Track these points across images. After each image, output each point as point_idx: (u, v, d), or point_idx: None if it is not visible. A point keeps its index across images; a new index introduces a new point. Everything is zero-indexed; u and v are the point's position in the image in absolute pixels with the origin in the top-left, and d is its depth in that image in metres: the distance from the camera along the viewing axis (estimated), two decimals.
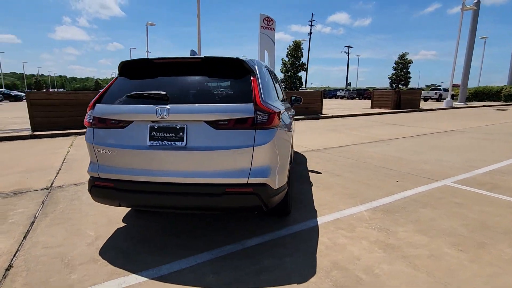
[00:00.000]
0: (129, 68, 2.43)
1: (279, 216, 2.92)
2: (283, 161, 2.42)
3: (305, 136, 8.43)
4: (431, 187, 3.86)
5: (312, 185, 4.02)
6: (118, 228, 2.77)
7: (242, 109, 2.11)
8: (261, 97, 2.21)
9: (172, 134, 2.15)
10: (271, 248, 2.42)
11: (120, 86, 2.39)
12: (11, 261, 2.23)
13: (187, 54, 2.93)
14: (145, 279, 2.02)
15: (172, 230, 2.74)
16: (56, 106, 9.21)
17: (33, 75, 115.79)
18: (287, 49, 24.20)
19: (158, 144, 2.15)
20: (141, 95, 2.19)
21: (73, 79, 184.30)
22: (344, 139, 7.78)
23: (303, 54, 24.33)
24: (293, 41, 23.86)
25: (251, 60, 2.46)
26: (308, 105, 14.25)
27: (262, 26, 17.32)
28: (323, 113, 14.85)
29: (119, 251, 2.37)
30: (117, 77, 2.49)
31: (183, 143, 2.13)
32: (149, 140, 2.17)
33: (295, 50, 22.95)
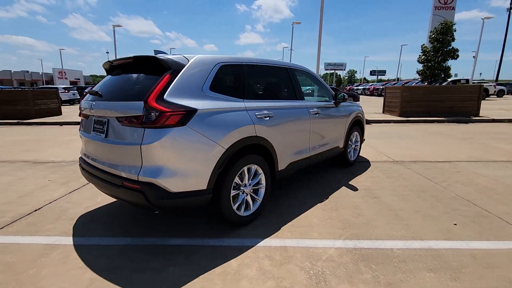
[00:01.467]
0: (106, 69, 2.91)
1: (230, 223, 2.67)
2: (192, 165, 2.22)
3: (405, 143, 6.69)
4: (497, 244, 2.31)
5: (321, 201, 3.30)
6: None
7: (133, 107, 2.13)
8: (161, 95, 2.12)
9: (101, 127, 2.44)
10: (179, 252, 2.30)
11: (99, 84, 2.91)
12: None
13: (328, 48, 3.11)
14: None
15: (121, 212, 3.07)
16: None
17: None
18: (431, 32, 18.44)
19: (95, 135, 2.52)
20: (90, 92, 2.62)
21: None
22: (463, 152, 5.62)
23: (454, 38, 17.85)
24: (440, 22, 17.84)
25: (182, 57, 2.37)
26: (453, 103, 10.95)
27: (436, 7, 14.17)
28: (480, 115, 10.96)
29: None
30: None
31: (103, 136, 2.39)
32: (92, 131, 2.57)
33: (443, 34, 17.09)
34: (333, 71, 79.01)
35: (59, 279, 1.99)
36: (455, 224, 2.74)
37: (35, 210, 3.11)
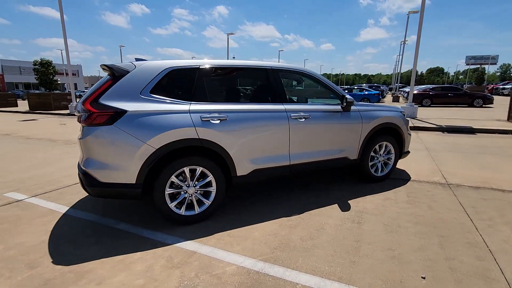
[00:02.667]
0: None
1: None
2: (120, 160, 2.48)
3: (494, 161, 4.92)
4: None
5: (288, 216, 2.97)
6: None
7: (79, 108, 2.55)
8: (97, 98, 2.46)
9: None
10: (113, 235, 2.61)
11: None
12: None
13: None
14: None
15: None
16: None
17: (337, 75, 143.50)
18: None
19: None
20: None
21: (365, 76, 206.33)
22: None
23: None
24: None
25: (130, 64, 2.65)
26: None
27: None
28: None
29: None
30: None
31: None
32: None
33: None
34: (478, 65, 64.28)
35: (27, 236, 2.64)
36: (423, 278, 1.99)
37: (69, 186, 4.09)
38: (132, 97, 2.56)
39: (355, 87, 21.43)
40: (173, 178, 2.67)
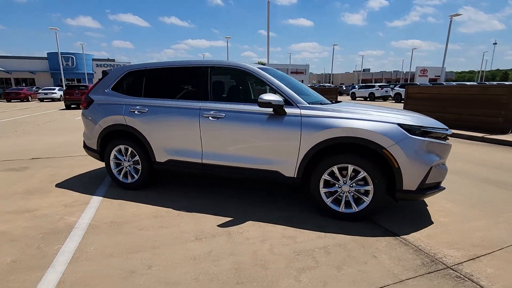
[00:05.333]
0: None
1: None
2: (90, 133, 3.74)
3: None
4: None
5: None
6: None
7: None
8: (89, 92, 3.85)
9: None
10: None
11: None
12: None
13: None
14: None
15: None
16: (424, 100, 9.27)
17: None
18: None
19: None
20: None
21: None
22: None
23: None
24: None
25: (111, 68, 3.80)
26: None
27: None
28: None
29: None
30: None
31: None
32: None
33: None
34: None
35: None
36: None
37: None
38: (101, 92, 3.75)
39: None
40: (114, 151, 3.64)
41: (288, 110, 2.86)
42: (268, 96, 2.74)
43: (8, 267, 2.09)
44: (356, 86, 30.46)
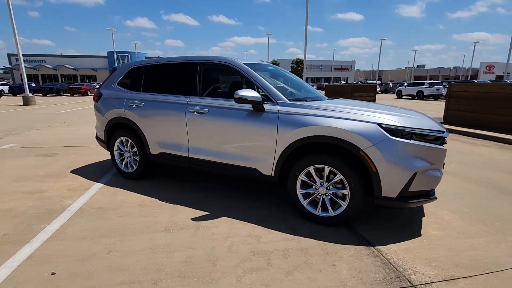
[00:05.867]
0: None
1: None
2: (99, 123, 4.06)
3: None
4: None
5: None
6: None
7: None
8: (100, 86, 4.16)
9: None
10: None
11: None
12: None
13: None
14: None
15: None
16: (469, 100, 8.25)
17: None
18: None
19: None
20: None
21: None
22: None
23: None
24: None
25: (119, 64, 4.06)
26: None
27: None
28: None
29: None
30: None
31: None
32: None
33: None
34: None
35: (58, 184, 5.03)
36: (53, 273, 1.95)
37: None
38: (108, 87, 4.04)
39: None
40: (117, 142, 3.91)
41: (267, 106, 2.79)
42: (244, 92, 2.69)
43: None
44: (405, 84, 28.20)
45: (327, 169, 2.54)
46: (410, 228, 2.64)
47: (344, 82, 58.51)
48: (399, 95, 25.65)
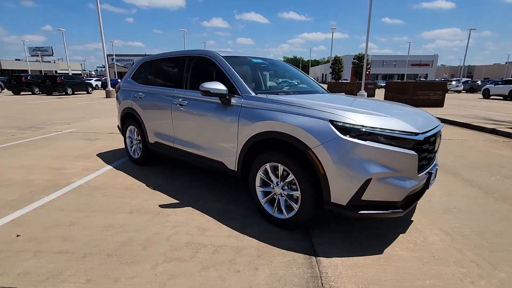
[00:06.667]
0: None
1: None
2: (118, 112, 4.54)
3: None
4: None
5: None
6: None
7: None
8: (122, 79, 4.63)
9: None
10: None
11: None
12: None
13: None
14: None
15: None
16: None
17: None
18: None
19: None
20: None
21: None
22: None
23: None
24: None
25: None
26: None
27: None
28: None
29: None
30: None
31: None
32: None
33: None
34: None
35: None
36: (18, 236, 2.29)
37: None
38: (125, 80, 4.46)
39: None
40: (128, 130, 4.32)
41: (233, 100, 2.73)
42: (208, 84, 2.68)
43: (2, 202, 2.92)
44: (499, 82, 23.61)
45: (281, 167, 2.37)
46: (376, 243, 2.28)
47: (423, 79, 51.99)
48: (486, 95, 21.76)
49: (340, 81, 42.53)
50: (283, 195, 2.43)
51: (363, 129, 2.03)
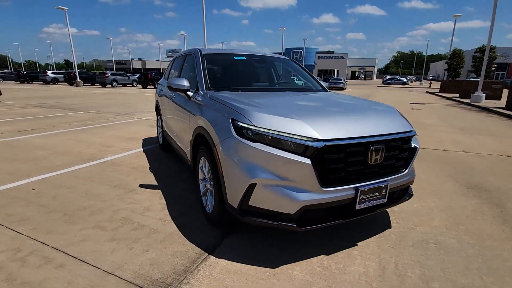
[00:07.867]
0: None
1: None
2: None
3: None
4: None
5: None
6: None
7: None
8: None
9: None
10: None
11: None
12: None
13: None
14: None
15: None
16: None
17: None
18: None
19: None
20: None
21: None
22: None
23: None
24: None
25: None
26: None
27: None
28: None
29: None
30: None
31: None
32: None
33: None
34: None
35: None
36: (33, 189, 3.13)
37: None
38: (163, 76, 5.16)
39: None
40: (158, 120, 5.01)
41: (194, 95, 2.88)
42: (173, 80, 2.92)
43: (50, 165, 3.96)
44: None
45: (206, 162, 2.42)
46: (282, 258, 2.06)
47: None
48: None
49: (457, 79, 33.61)
50: (210, 189, 2.47)
51: (253, 129, 1.88)
